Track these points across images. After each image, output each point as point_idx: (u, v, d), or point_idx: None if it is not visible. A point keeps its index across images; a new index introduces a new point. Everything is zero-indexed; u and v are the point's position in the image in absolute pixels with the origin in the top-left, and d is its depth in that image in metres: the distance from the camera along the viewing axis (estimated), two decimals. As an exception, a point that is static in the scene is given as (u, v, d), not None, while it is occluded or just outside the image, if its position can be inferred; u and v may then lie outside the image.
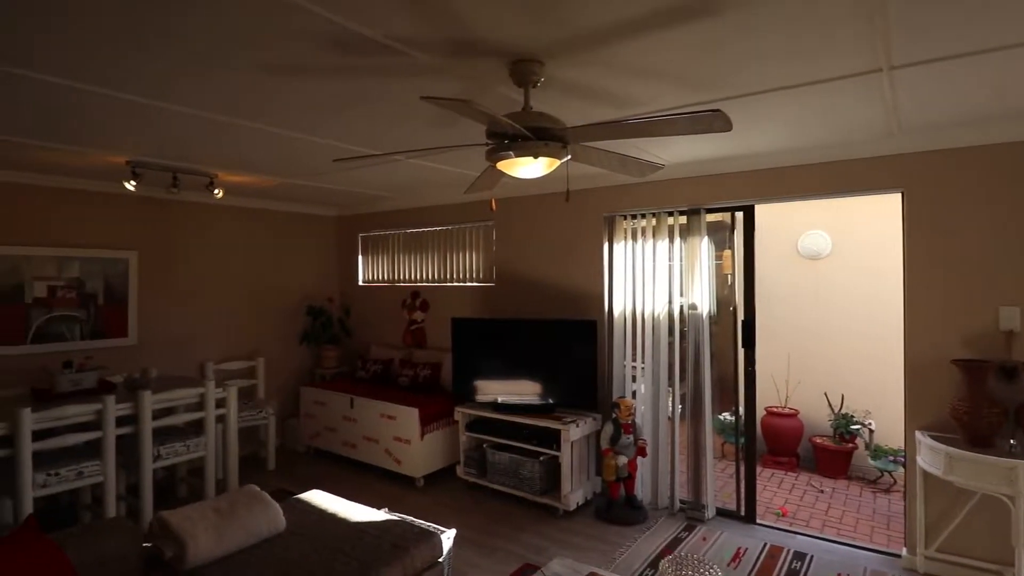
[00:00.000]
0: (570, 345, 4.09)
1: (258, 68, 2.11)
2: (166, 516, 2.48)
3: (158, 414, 3.67)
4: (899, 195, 3.25)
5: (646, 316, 4.01)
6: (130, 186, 3.77)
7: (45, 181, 4.09)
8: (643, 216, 4.05)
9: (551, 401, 4.12)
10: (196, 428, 3.92)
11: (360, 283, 5.98)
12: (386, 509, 3.06)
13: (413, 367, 4.99)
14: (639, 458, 3.86)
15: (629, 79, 2.26)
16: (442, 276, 5.30)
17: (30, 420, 3.10)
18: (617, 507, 3.81)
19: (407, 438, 4.38)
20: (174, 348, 4.83)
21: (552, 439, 3.89)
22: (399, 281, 5.64)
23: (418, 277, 5.49)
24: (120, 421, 3.47)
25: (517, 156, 2.09)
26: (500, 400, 4.23)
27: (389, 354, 5.43)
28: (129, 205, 4.54)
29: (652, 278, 3.98)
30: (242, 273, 5.31)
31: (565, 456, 3.81)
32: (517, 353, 4.28)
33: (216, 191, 4.21)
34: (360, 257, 5.98)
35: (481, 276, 5.02)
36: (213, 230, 5.10)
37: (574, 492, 3.85)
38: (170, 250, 4.82)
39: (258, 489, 2.81)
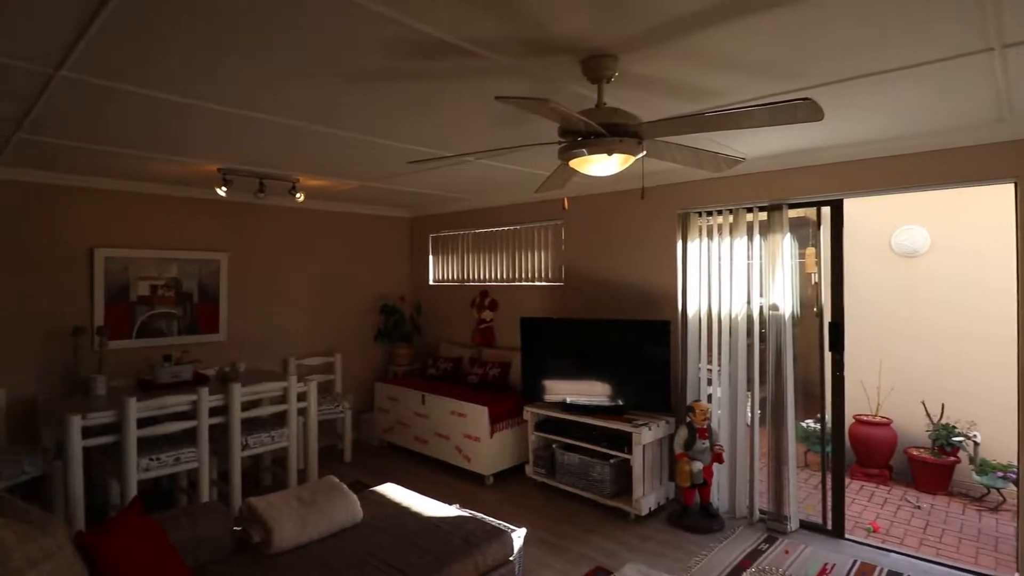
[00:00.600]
0: (642, 346, 4.00)
1: (336, 76, 2.18)
2: (254, 502, 2.62)
3: (246, 406, 3.90)
4: (1011, 186, 2.96)
5: (723, 317, 3.85)
6: (222, 192, 4.03)
7: (149, 189, 4.44)
8: (719, 213, 3.89)
9: (621, 403, 4.05)
10: (280, 420, 4.14)
11: (431, 283, 6.12)
12: (457, 505, 3.11)
13: (482, 365, 5.05)
14: (715, 464, 3.72)
15: (707, 71, 2.17)
16: (511, 276, 5.33)
17: (135, 409, 3.38)
18: (692, 514, 3.69)
19: (477, 436, 4.43)
20: (259, 344, 5.11)
21: (623, 441, 3.82)
22: (468, 281, 5.72)
23: (487, 277, 5.54)
24: (212, 411, 3.71)
25: (590, 154, 2.06)
26: (568, 400, 4.20)
27: (459, 352, 5.52)
28: (221, 210, 4.86)
29: (729, 277, 3.82)
30: (321, 273, 5.56)
31: (637, 459, 3.73)
32: (586, 353, 4.23)
33: (298, 195, 4.42)
34: (431, 257, 6.11)
35: (550, 276, 5.00)
36: (294, 233, 5.36)
37: (646, 496, 3.76)
38: (256, 252, 5.11)
39: (337, 480, 2.92)
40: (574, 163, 2.15)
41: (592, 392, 4.15)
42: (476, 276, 5.65)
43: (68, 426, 3.20)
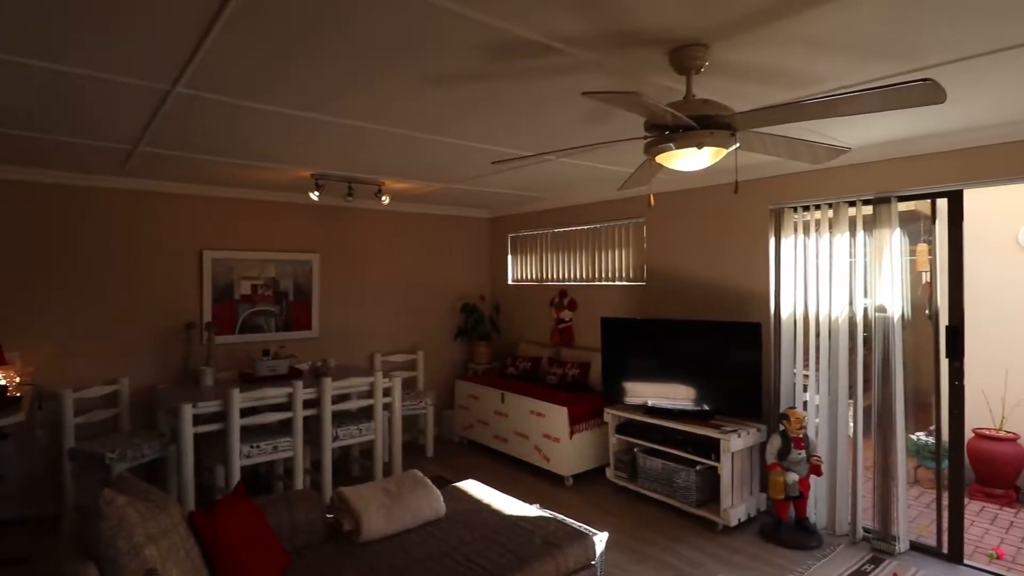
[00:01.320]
0: (730, 349, 3.82)
1: (421, 80, 2.22)
2: (345, 492, 2.74)
3: (336, 399, 4.09)
4: None
5: (821, 319, 3.60)
6: (314, 196, 4.24)
7: (250, 195, 4.77)
8: (817, 207, 3.64)
9: (706, 407, 3.88)
10: (367, 414, 4.31)
11: (509, 282, 6.15)
12: (537, 505, 3.10)
13: (561, 366, 5.01)
14: (813, 477, 3.48)
15: (806, 55, 2.02)
16: (590, 275, 5.25)
17: (238, 399, 3.62)
18: (786, 528, 3.47)
19: (556, 436, 4.40)
20: (348, 340, 5.35)
21: (710, 448, 3.66)
22: (547, 280, 5.70)
23: (566, 276, 5.50)
24: (306, 404, 3.92)
25: (679, 148, 1.98)
26: (650, 403, 4.08)
27: (537, 352, 5.51)
28: (313, 213, 5.13)
29: (828, 277, 3.56)
30: (404, 272, 5.74)
31: (725, 467, 3.56)
32: (670, 355, 4.09)
33: (383, 198, 4.58)
34: (509, 257, 6.15)
35: (631, 275, 4.88)
36: (380, 234, 5.57)
37: (735, 507, 3.58)
38: (345, 253, 5.35)
39: (421, 475, 3.00)
40: (661, 158, 2.08)
41: (675, 395, 4.01)
42: (555, 276, 5.62)
43: (181, 414, 3.49)
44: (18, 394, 3.19)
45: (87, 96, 2.38)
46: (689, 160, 2.02)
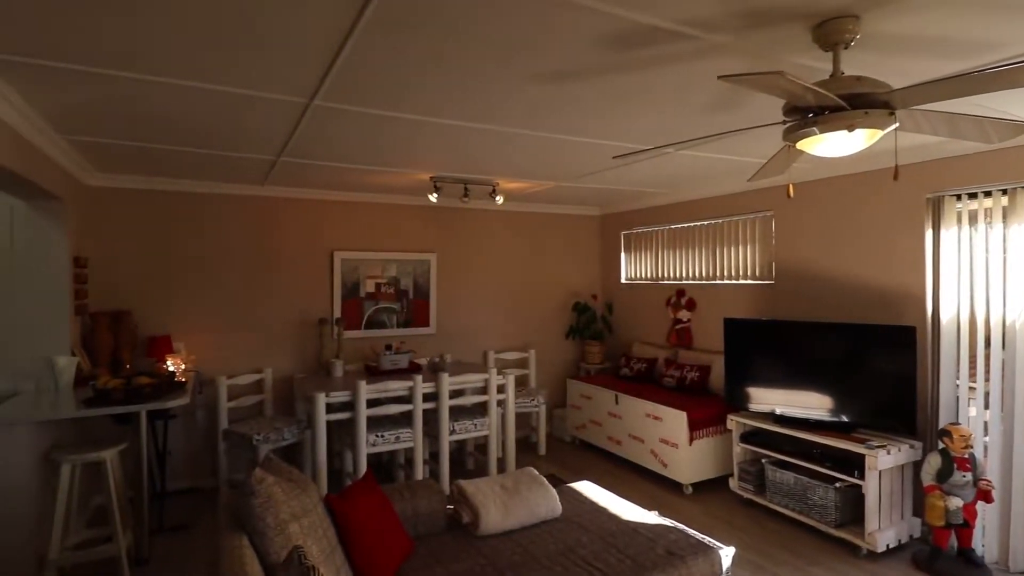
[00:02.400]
0: (876, 355, 3.43)
1: (538, 77, 2.20)
2: (464, 485, 2.80)
3: (452, 394, 4.22)
4: None
5: (993, 324, 3.12)
6: (433, 198, 4.40)
7: (373, 198, 5.06)
8: (987, 194, 3.16)
9: (846, 419, 3.52)
10: (481, 410, 4.40)
11: (622, 280, 6.00)
12: (656, 512, 2.98)
13: (679, 368, 4.80)
14: (981, 503, 3.03)
15: (977, 18, 1.75)
16: (710, 273, 4.98)
17: (365, 390, 3.85)
18: (946, 560, 3.05)
19: (674, 441, 4.22)
20: (463, 337, 5.51)
21: (852, 464, 3.31)
22: (663, 279, 5.49)
23: (683, 275, 5.26)
24: (425, 397, 4.08)
25: (825, 131, 1.79)
26: (778, 411, 3.78)
27: (653, 353, 5.32)
28: (431, 214, 5.33)
29: (1003, 275, 3.08)
30: (517, 271, 5.80)
31: (871, 486, 3.20)
32: (802, 360, 3.76)
33: (498, 198, 4.65)
34: (622, 255, 6.00)
35: (757, 273, 4.56)
36: (493, 233, 5.67)
37: (883, 531, 3.21)
38: (460, 252, 5.51)
39: (537, 473, 2.99)
40: (803, 144, 1.89)
41: (808, 404, 3.68)
42: (671, 274, 5.40)
43: (315, 402, 3.77)
44: (183, 379, 3.62)
45: (239, 113, 2.63)
46: (837, 144, 1.82)
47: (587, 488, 3.19)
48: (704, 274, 5.04)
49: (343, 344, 4.70)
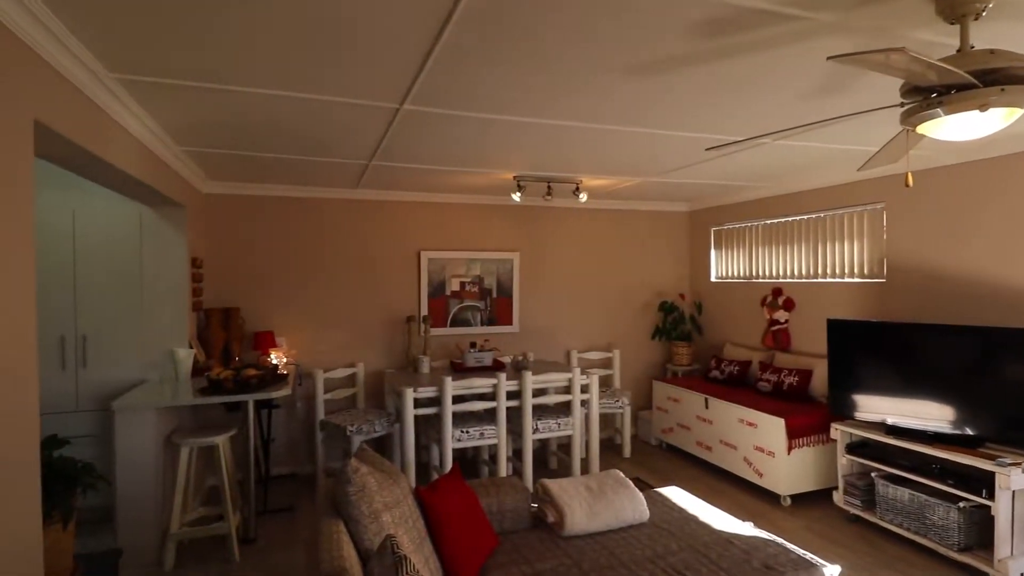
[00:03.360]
0: (1010, 361, 3.06)
1: (628, 70, 2.14)
2: (549, 484, 2.78)
3: (535, 393, 4.22)
4: None
5: None
6: (516, 197, 4.43)
7: (457, 199, 5.16)
8: None
9: (972, 432, 3.17)
10: (564, 409, 4.37)
11: (713, 279, 5.75)
12: (751, 523, 2.82)
13: (776, 372, 4.52)
14: None
15: None
16: (811, 271, 4.66)
17: (451, 386, 3.93)
18: (1098, 597, 2.68)
19: (771, 450, 3.98)
20: (545, 336, 5.50)
21: (979, 481, 2.98)
22: (757, 277, 5.20)
23: (780, 272, 4.96)
24: (508, 395, 4.10)
25: (951, 113, 1.61)
26: (890, 421, 3.47)
27: (746, 355, 5.06)
28: (513, 213, 5.37)
29: None
30: (600, 270, 5.71)
31: (1002, 508, 2.86)
32: (921, 366, 3.43)
33: (581, 195, 4.60)
34: (712, 252, 5.74)
35: (864, 270, 4.21)
36: (576, 231, 5.62)
37: (1016, 559, 2.86)
38: (543, 251, 5.51)
39: (623, 475, 2.92)
40: (925, 127, 1.72)
41: (926, 414, 3.34)
42: (767, 272, 5.10)
43: (404, 396, 3.90)
44: (285, 372, 3.86)
45: (335, 119, 2.76)
46: (966, 127, 1.64)
47: (676, 494, 3.08)
48: (804, 272, 4.72)
49: (429, 341, 4.83)
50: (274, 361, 4.19)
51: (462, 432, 3.99)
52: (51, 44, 1.81)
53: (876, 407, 3.57)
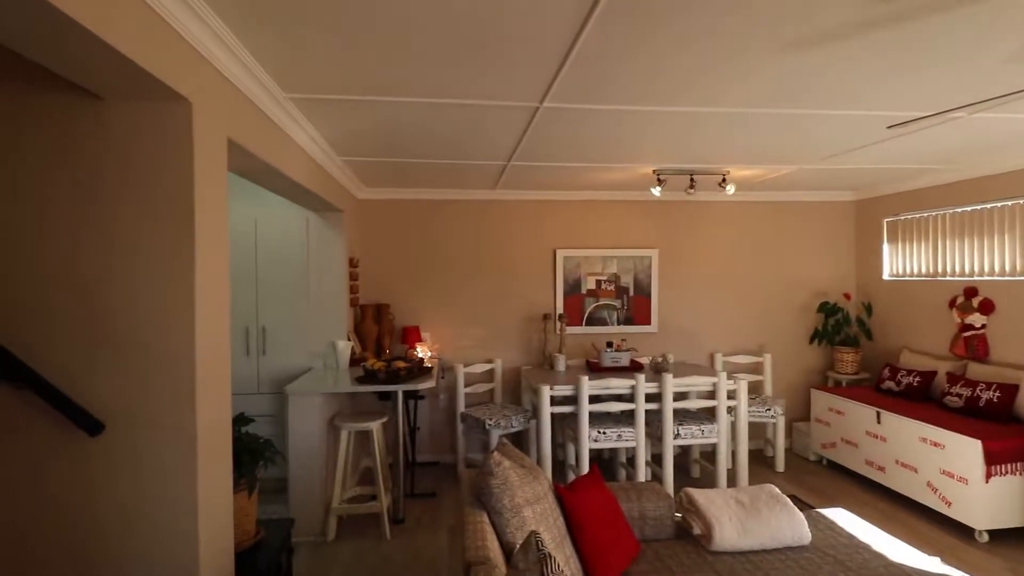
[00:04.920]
0: None
1: (785, 44, 1.94)
2: (694, 495, 2.63)
3: (676, 397, 4.02)
4: None
5: None
6: (656, 192, 4.25)
7: (593, 196, 5.09)
8: None
9: None
10: (708, 415, 4.11)
11: (885, 277, 5.07)
12: (940, 559, 2.43)
13: (970, 385, 3.86)
14: None
15: None
16: (1014, 267, 3.92)
17: (587, 386, 3.88)
18: None
19: (963, 476, 3.40)
20: (686, 337, 5.23)
21: None
22: (943, 275, 4.49)
23: (973, 270, 4.23)
24: (647, 398, 3.95)
25: None
26: None
27: (929, 365, 4.39)
28: (651, 209, 5.17)
29: None
30: (747, 267, 5.30)
31: None
32: None
33: (728, 187, 4.29)
34: (886, 246, 5.07)
35: (1094, 266, 3.45)
36: (720, 226, 5.27)
37: None
38: (684, 247, 5.24)
39: (779, 491, 2.67)
40: None
41: None
42: (955, 269, 4.38)
43: (540, 393, 3.92)
44: (430, 365, 4.08)
45: (477, 122, 2.84)
46: None
47: (842, 517, 2.75)
48: (1005, 268, 3.98)
49: (565, 339, 4.82)
50: (420, 355, 4.44)
51: (599, 432, 3.91)
52: (240, 71, 2.06)
53: (1114, 433, 2.90)
